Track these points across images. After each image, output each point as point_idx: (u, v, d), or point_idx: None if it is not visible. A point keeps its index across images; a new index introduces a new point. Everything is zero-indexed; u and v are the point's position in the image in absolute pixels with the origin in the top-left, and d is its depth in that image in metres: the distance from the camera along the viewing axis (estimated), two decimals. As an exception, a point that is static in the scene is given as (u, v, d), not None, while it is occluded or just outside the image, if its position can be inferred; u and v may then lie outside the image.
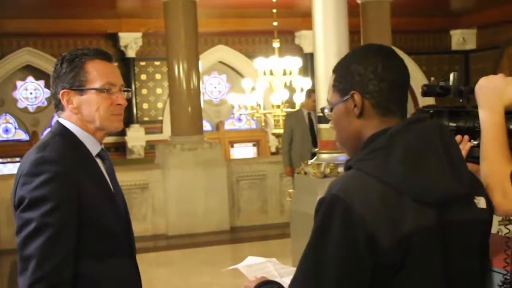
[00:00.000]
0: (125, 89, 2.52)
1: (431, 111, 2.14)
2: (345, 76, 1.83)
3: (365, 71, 1.79)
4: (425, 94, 2.16)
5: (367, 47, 1.91)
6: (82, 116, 2.44)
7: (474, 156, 2.11)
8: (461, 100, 2.20)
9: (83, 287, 2.32)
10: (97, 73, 2.43)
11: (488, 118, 2.07)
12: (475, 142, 2.13)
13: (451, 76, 2.18)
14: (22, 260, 2.25)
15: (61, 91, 2.43)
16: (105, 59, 2.49)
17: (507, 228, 2.21)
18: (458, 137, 2.14)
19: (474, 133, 2.14)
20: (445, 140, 1.76)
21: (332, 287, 1.63)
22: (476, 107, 2.12)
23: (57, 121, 2.49)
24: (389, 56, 1.83)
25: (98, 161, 2.49)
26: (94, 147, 2.48)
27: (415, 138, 1.72)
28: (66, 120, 2.46)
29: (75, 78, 2.42)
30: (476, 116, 2.12)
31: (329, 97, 1.90)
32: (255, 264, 2.37)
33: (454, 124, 2.16)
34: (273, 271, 2.27)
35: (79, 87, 2.42)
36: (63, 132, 2.44)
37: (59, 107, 2.48)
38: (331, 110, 1.89)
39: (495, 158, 2.04)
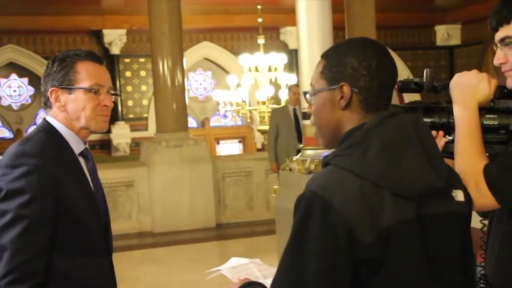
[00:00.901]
0: (113, 92, 2.55)
1: (407, 107, 2.17)
2: (337, 65, 1.81)
3: (359, 65, 1.78)
4: (400, 90, 2.18)
5: (363, 41, 1.88)
6: (68, 114, 2.46)
7: (449, 151, 2.13)
8: (438, 96, 2.24)
9: (58, 284, 2.33)
10: (87, 73, 2.46)
11: (462, 113, 2.10)
12: (450, 138, 2.15)
13: (424, 72, 2.21)
14: None
15: (50, 89, 2.46)
16: (96, 61, 2.52)
17: (482, 223, 2.25)
18: (433, 133, 2.16)
19: (449, 128, 2.15)
20: (420, 133, 1.77)
21: (314, 284, 1.63)
22: (451, 102, 2.16)
23: (44, 118, 2.51)
24: (383, 54, 1.83)
25: (81, 159, 2.50)
26: (77, 146, 2.49)
27: (391, 132, 1.72)
28: (52, 117, 2.48)
29: (65, 77, 2.45)
30: (450, 112, 2.14)
31: (314, 82, 1.89)
32: (238, 265, 2.35)
33: (429, 120, 2.17)
34: (256, 272, 2.26)
35: (68, 86, 2.45)
36: (47, 129, 2.46)
37: (47, 104, 2.50)
38: (314, 95, 1.88)
39: (469, 153, 2.07)
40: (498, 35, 2.10)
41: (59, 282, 2.34)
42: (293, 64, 14.88)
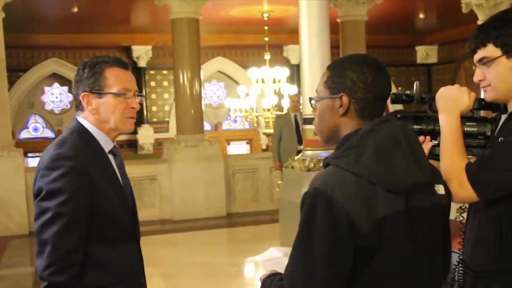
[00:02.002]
0: (138, 94, 2.45)
1: (399, 116, 2.16)
2: (338, 78, 1.80)
3: (357, 79, 1.77)
4: (393, 101, 2.18)
5: (363, 58, 1.86)
6: (100, 116, 2.37)
7: (435, 153, 2.14)
8: (425, 107, 2.23)
9: (92, 269, 2.28)
10: (115, 79, 2.35)
11: (447, 121, 2.11)
12: (436, 142, 2.16)
13: (414, 85, 2.21)
14: (39, 244, 2.20)
15: (82, 94, 2.35)
16: (123, 67, 2.41)
17: (462, 216, 2.25)
18: (421, 138, 2.16)
19: (435, 134, 2.16)
20: (408, 136, 1.76)
21: (321, 267, 1.63)
22: (436, 112, 2.15)
23: (76, 119, 2.41)
24: (380, 71, 1.81)
25: (110, 157, 2.42)
26: (107, 145, 2.40)
27: (383, 137, 1.71)
28: (84, 119, 2.39)
29: (95, 83, 2.34)
30: (436, 120, 2.15)
31: (319, 90, 1.88)
32: (273, 258, 2.21)
33: (418, 127, 2.18)
34: None
35: (98, 91, 2.34)
36: (80, 130, 2.36)
37: (79, 107, 2.40)
38: (318, 101, 1.88)
39: (453, 154, 2.08)
40: (476, 56, 2.10)
41: (93, 269, 2.27)
42: (294, 76, 14.88)
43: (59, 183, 2.18)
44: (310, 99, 1.93)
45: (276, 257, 2.22)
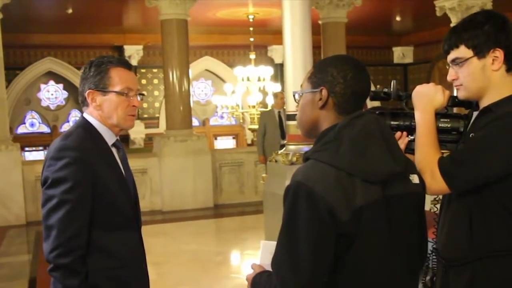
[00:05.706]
0: (140, 93, 2.48)
1: (377, 112, 2.17)
2: (320, 73, 1.82)
3: (337, 75, 1.78)
4: (372, 98, 2.18)
5: (345, 57, 1.88)
6: (103, 113, 2.40)
7: (411, 148, 2.15)
8: (402, 104, 2.24)
9: (97, 253, 2.30)
10: (119, 78, 2.38)
11: (422, 117, 2.12)
12: (412, 137, 2.17)
13: (392, 84, 2.22)
14: (46, 229, 2.23)
15: (88, 91, 2.38)
16: (126, 67, 2.44)
17: (436, 207, 2.26)
18: (398, 133, 2.17)
19: (411, 129, 2.17)
20: (381, 129, 1.77)
21: (305, 256, 1.64)
22: (412, 109, 2.16)
23: (82, 115, 2.44)
24: (360, 69, 1.82)
25: (113, 149, 2.45)
26: (110, 138, 2.43)
27: (358, 130, 1.72)
28: (89, 115, 2.42)
29: (100, 81, 2.37)
30: (412, 116, 2.16)
31: (303, 85, 1.89)
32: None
33: (395, 123, 2.18)
34: None
35: (103, 89, 2.37)
36: (85, 125, 2.40)
37: (84, 103, 2.43)
38: (301, 95, 1.89)
39: (427, 149, 2.08)
40: (450, 57, 2.11)
41: (97, 254, 2.30)
42: (277, 75, 14.88)
43: (63, 172, 2.22)
44: (294, 93, 1.94)
45: None
